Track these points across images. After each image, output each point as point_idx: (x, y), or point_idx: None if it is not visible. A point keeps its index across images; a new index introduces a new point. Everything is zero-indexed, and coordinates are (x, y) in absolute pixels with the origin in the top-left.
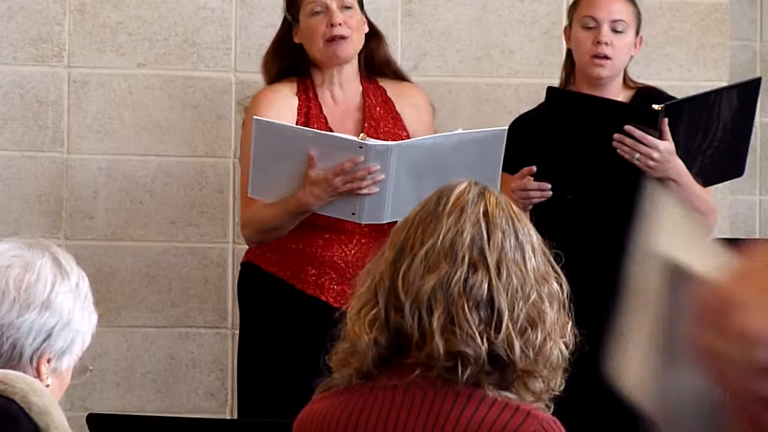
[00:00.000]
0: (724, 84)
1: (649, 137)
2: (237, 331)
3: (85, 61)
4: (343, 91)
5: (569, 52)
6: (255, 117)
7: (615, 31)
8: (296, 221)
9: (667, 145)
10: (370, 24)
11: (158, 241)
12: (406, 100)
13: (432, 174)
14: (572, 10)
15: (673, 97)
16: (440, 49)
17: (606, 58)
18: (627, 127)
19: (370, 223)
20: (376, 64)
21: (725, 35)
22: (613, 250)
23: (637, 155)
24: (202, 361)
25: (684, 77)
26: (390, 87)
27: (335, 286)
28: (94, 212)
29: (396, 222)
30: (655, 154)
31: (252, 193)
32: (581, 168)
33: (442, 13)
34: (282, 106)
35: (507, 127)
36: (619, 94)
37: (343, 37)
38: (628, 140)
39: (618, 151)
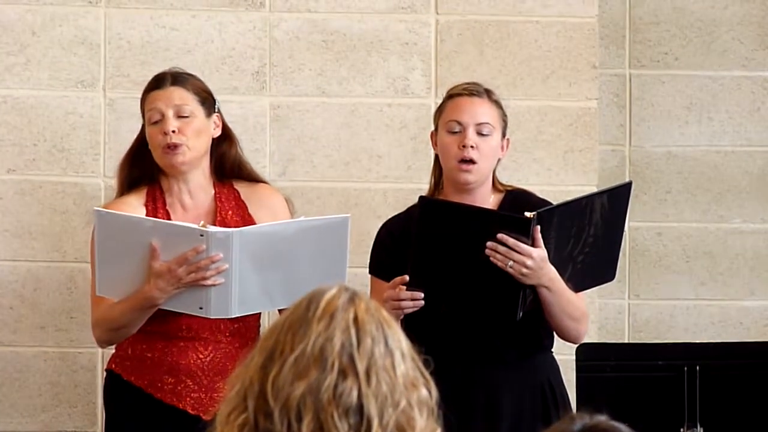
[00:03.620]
0: (594, 188)
1: (522, 245)
2: None
3: None
4: (192, 197)
5: (437, 158)
6: (95, 208)
7: (480, 134)
8: (144, 317)
9: (540, 252)
10: (225, 127)
11: (28, 346)
12: (260, 202)
13: (277, 265)
14: (437, 115)
15: (542, 199)
16: (308, 154)
17: (472, 162)
18: (500, 235)
19: (218, 317)
20: (227, 167)
21: (594, 139)
22: (486, 357)
23: (510, 263)
24: None
25: (552, 181)
26: (243, 189)
27: (192, 394)
28: None
29: (255, 323)
30: (529, 262)
31: (99, 292)
32: (454, 276)
33: (311, 119)
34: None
35: (349, 215)
36: (488, 197)
37: (176, 146)
38: (501, 248)
39: (491, 258)
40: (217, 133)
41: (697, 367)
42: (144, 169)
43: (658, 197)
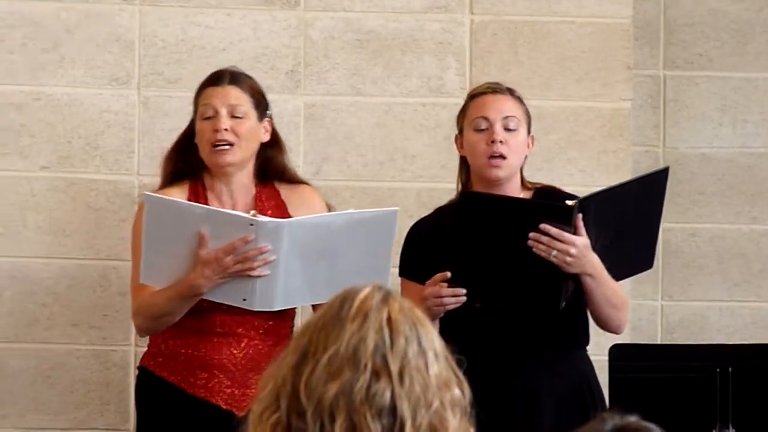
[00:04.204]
0: None
1: (566, 234)
2: None
3: None
4: (233, 196)
5: (463, 161)
6: (146, 193)
7: (507, 129)
8: (187, 306)
9: (583, 241)
10: (274, 132)
11: (61, 344)
12: (300, 202)
13: (324, 257)
14: (461, 116)
15: (571, 195)
16: (342, 153)
17: (502, 157)
18: (542, 225)
19: (261, 309)
20: (270, 171)
21: (627, 140)
22: (524, 355)
23: (554, 252)
24: None
25: (586, 182)
26: (284, 189)
27: (226, 389)
28: None
29: (289, 320)
30: (573, 250)
31: (144, 279)
32: (496, 269)
33: (345, 118)
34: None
35: (398, 209)
36: (517, 195)
37: (229, 144)
38: (544, 238)
39: (534, 249)
40: (266, 138)
41: (730, 369)
42: (188, 164)
43: (692, 198)
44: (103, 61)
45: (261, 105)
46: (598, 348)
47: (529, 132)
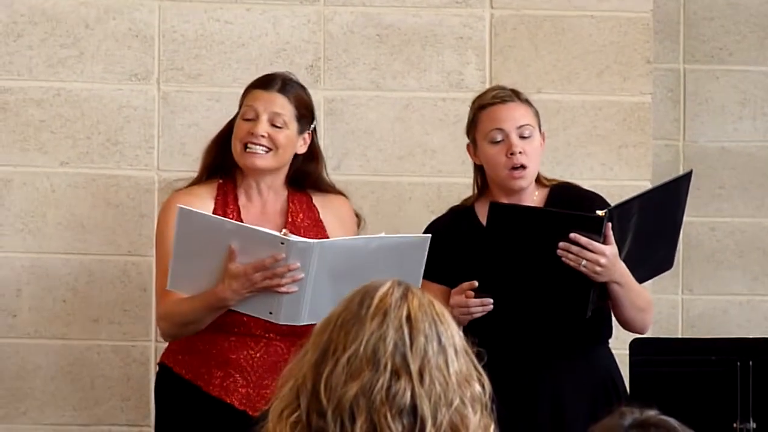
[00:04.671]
0: (647, 183)
1: (596, 243)
2: None
3: (8, 159)
4: (265, 196)
5: (476, 167)
6: (179, 205)
7: (523, 137)
8: (213, 316)
9: (612, 249)
10: (314, 146)
11: (81, 339)
12: (330, 208)
13: (352, 277)
14: (472, 127)
15: (590, 191)
16: (362, 148)
17: (523, 167)
18: (572, 235)
19: (286, 323)
20: (307, 182)
21: (648, 134)
22: (549, 351)
23: (584, 262)
24: None
25: (606, 176)
26: (316, 195)
27: (241, 389)
28: (17, 310)
29: (311, 325)
30: (602, 260)
31: (171, 286)
32: (525, 279)
33: (365, 113)
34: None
35: (430, 235)
36: (533, 193)
37: (265, 150)
38: (573, 248)
39: (563, 259)
40: (303, 150)
41: (750, 363)
42: (226, 158)
43: (712, 192)
44: (123, 56)
45: (304, 118)
46: (619, 342)
47: (540, 130)
